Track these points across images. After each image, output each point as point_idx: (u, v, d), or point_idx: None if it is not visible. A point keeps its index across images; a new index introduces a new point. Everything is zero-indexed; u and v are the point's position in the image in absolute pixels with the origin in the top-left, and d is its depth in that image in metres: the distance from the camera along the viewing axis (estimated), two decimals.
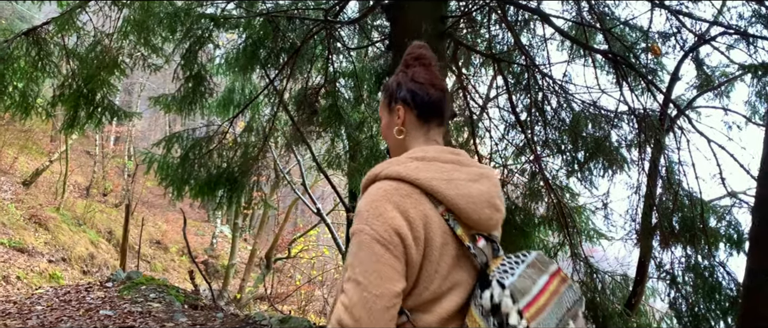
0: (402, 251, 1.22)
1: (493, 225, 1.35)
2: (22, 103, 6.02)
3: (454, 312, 1.27)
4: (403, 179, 1.28)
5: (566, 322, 1.26)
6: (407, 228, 1.22)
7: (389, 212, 1.23)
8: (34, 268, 11.74)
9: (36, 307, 4.94)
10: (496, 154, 6.93)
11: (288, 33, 6.73)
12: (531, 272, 1.29)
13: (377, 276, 1.19)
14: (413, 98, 1.43)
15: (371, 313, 1.17)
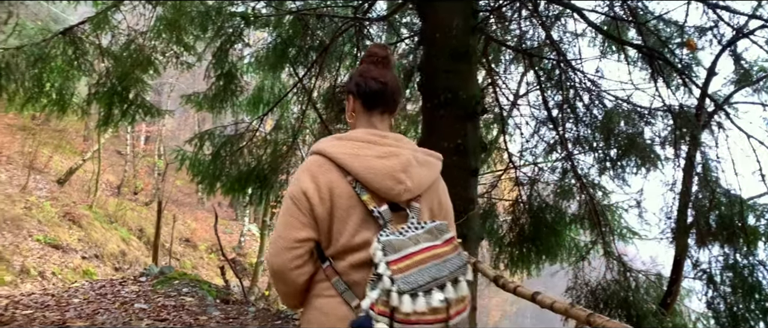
0: (306, 206, 1.56)
1: (395, 195, 1.57)
2: (59, 101, 6.14)
3: (363, 263, 1.53)
4: (320, 153, 1.60)
5: (444, 283, 1.46)
6: (313, 190, 1.55)
7: (303, 178, 1.58)
8: (69, 264, 12.00)
9: (73, 300, 5.05)
10: (526, 152, 6.86)
11: (317, 31, 6.76)
12: (422, 235, 1.52)
13: (284, 224, 1.58)
14: (358, 89, 1.69)
15: (277, 248, 1.57)
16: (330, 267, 1.58)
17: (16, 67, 5.85)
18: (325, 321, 1.57)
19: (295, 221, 1.56)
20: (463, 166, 4.40)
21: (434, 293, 1.43)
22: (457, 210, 4.32)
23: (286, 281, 1.60)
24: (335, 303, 1.57)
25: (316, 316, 1.60)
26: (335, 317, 1.55)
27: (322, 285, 1.60)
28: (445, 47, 4.42)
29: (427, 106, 4.52)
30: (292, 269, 1.57)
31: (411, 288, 1.40)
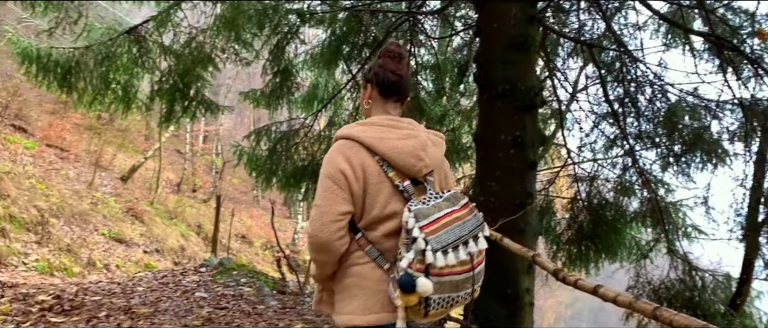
0: (344, 184, 1.77)
1: (416, 171, 1.83)
2: (124, 98, 6.39)
3: (393, 232, 1.80)
4: (349, 138, 1.82)
5: (467, 240, 1.77)
6: (349, 169, 1.77)
7: (338, 159, 1.78)
8: (131, 257, 12.47)
9: (137, 288, 5.24)
10: (585, 148, 6.68)
11: (371, 27, 6.78)
12: (443, 203, 1.79)
13: (326, 199, 1.77)
14: (377, 79, 1.93)
15: (322, 223, 1.76)
16: (362, 238, 1.83)
17: (85, 66, 6.12)
18: (364, 284, 1.81)
19: (336, 197, 1.77)
20: (521, 159, 4.32)
21: (460, 248, 1.74)
22: (515, 204, 4.27)
23: (331, 251, 1.80)
24: (370, 268, 1.82)
25: (355, 281, 1.83)
26: (372, 280, 1.81)
27: (356, 254, 1.84)
28: (503, 37, 4.35)
29: (484, 97, 4.46)
30: (336, 239, 1.78)
31: (442, 246, 1.68)
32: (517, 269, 4.34)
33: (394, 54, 1.98)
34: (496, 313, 4.30)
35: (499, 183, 4.34)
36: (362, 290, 1.81)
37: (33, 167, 13.35)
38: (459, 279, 1.77)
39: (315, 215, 1.79)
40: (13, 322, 3.94)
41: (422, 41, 6.82)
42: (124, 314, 4.25)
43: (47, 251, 10.69)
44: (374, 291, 1.80)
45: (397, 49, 2.01)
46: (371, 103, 1.95)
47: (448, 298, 1.78)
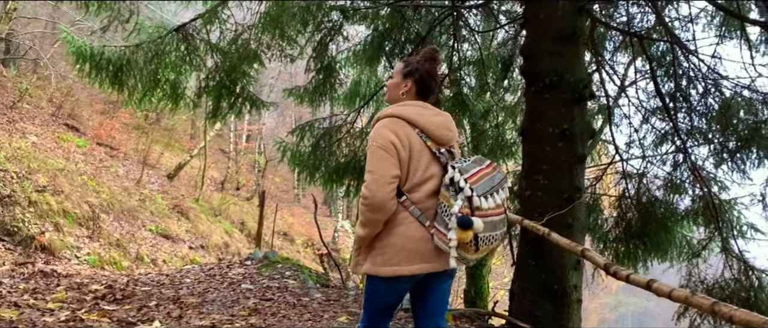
0: (394, 152, 2.12)
1: (448, 141, 2.25)
2: (172, 95, 6.53)
3: (433, 192, 2.17)
4: (394, 115, 2.21)
5: (496, 190, 2.16)
6: (397, 140, 2.13)
7: (386, 132, 2.15)
8: (177, 253, 12.78)
9: (185, 280, 5.36)
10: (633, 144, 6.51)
11: (413, 23, 6.75)
12: (472, 163, 2.18)
13: (380, 165, 2.11)
14: (418, 79, 2.32)
15: (378, 185, 2.09)
16: (406, 200, 2.16)
17: (135, 64, 6.28)
18: (408, 240, 2.15)
19: (388, 163, 2.11)
20: (570, 152, 4.24)
21: (495, 195, 2.15)
22: (563, 198, 4.18)
23: (384, 209, 2.11)
24: (415, 227, 2.16)
25: (401, 240, 2.15)
26: (415, 238, 2.15)
27: (401, 215, 2.16)
28: (551, 29, 4.27)
29: (531, 90, 4.39)
30: (390, 199, 2.11)
31: (483, 192, 2.10)
32: (565, 265, 4.25)
33: (435, 59, 2.38)
34: (543, 309, 4.22)
35: (547, 177, 4.26)
36: (406, 246, 2.15)
37: (85, 164, 13.82)
38: (497, 220, 2.16)
39: (370, 179, 2.10)
40: (69, 309, 4.08)
41: (465, 36, 6.76)
42: (173, 304, 4.35)
43: (98, 245, 11.05)
44: (417, 246, 2.15)
45: (437, 55, 2.41)
46: (405, 96, 2.33)
47: (490, 236, 2.14)
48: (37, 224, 10.28)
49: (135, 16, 6.07)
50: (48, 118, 15.90)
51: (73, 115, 17.27)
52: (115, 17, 5.88)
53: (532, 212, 4.20)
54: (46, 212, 10.65)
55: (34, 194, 10.66)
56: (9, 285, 4.59)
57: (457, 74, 6.84)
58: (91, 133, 16.41)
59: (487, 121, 7.01)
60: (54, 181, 11.29)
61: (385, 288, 2.23)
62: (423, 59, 2.36)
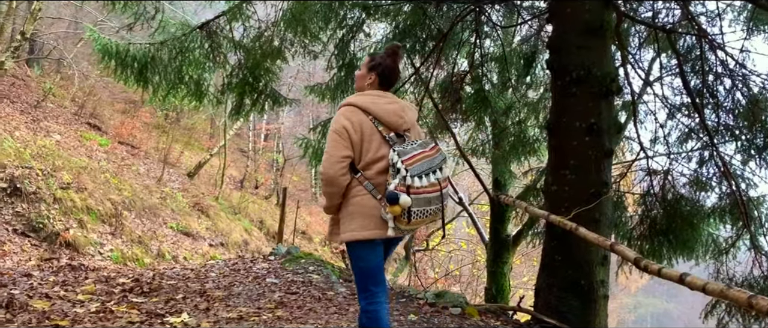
0: (346, 136, 2.52)
1: (398, 126, 2.59)
2: (197, 91, 6.59)
3: (383, 170, 2.52)
4: (351, 104, 2.60)
5: (433, 170, 2.51)
6: (350, 126, 2.53)
7: (342, 119, 2.55)
8: (198, 250, 12.88)
9: (210, 274, 5.40)
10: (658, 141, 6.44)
11: (435, 19, 6.74)
12: (417, 147, 2.52)
13: (333, 147, 2.53)
14: (381, 72, 2.71)
15: (330, 163, 2.51)
16: (361, 176, 2.54)
17: (160, 61, 6.34)
18: (363, 210, 2.53)
19: (340, 146, 2.52)
20: (597, 147, 4.20)
21: (431, 175, 2.49)
22: (590, 193, 4.14)
23: (335, 183, 2.52)
24: (368, 198, 2.53)
25: (356, 208, 2.54)
26: (368, 207, 2.52)
27: (356, 189, 2.55)
28: (577, 22, 4.24)
29: (558, 84, 4.36)
30: (340, 175, 2.52)
31: (417, 173, 2.44)
32: (591, 260, 4.22)
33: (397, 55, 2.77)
34: (569, 305, 4.19)
35: (574, 172, 4.23)
36: (361, 215, 2.53)
37: (107, 162, 14.00)
38: (431, 196, 2.50)
39: (325, 158, 2.54)
40: (99, 300, 4.14)
41: (487, 32, 6.73)
42: (200, 297, 4.39)
43: (120, 241, 11.18)
44: (370, 215, 2.52)
45: (399, 50, 2.80)
46: (369, 86, 2.70)
47: (424, 210, 2.48)
48: (61, 220, 10.43)
49: (160, 13, 6.13)
50: (71, 117, 16.13)
51: (95, 114, 17.50)
52: (140, 15, 5.94)
53: (558, 207, 4.18)
54: (70, 209, 10.80)
55: (59, 191, 10.82)
56: (39, 278, 4.67)
57: (479, 71, 6.81)
58: (112, 132, 16.63)
59: (509, 117, 6.98)
60: (78, 178, 11.45)
61: (365, 252, 2.58)
62: (386, 55, 2.75)
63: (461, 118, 7.42)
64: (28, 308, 3.70)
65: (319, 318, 3.87)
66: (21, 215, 10.16)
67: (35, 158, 11.15)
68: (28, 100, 15.24)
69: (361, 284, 2.62)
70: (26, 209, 10.30)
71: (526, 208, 4.82)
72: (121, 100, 19.87)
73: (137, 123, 17.58)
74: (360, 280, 2.63)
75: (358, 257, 2.60)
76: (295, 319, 3.77)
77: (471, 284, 13.51)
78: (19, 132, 12.37)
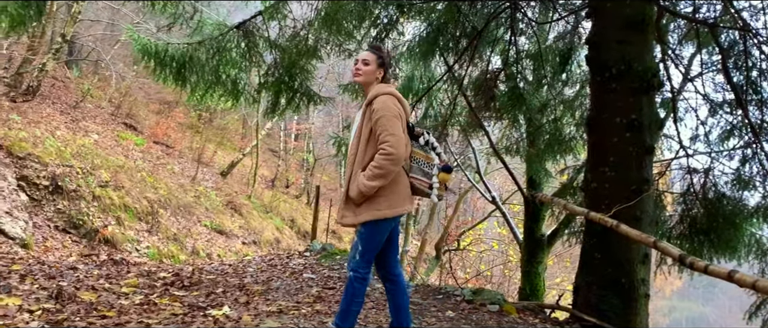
0: (400, 121, 2.83)
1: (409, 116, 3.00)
2: (234, 90, 6.68)
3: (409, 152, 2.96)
4: (393, 95, 2.91)
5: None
6: (399, 112, 2.86)
7: (393, 106, 2.84)
8: (231, 248, 13.07)
9: (248, 269, 5.48)
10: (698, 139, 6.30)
11: (469, 17, 6.71)
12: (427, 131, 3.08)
13: (398, 129, 2.79)
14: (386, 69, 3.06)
15: (400, 144, 2.76)
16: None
17: (197, 60, 6.45)
18: (404, 187, 2.91)
19: (401, 128, 2.83)
20: (638, 143, 4.14)
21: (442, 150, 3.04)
22: (631, 190, 4.07)
23: (400, 163, 2.81)
24: (405, 177, 2.93)
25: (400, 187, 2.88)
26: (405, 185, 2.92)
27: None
28: (618, 16, 4.18)
29: (597, 79, 4.30)
30: (405, 156, 2.86)
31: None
32: (632, 259, 4.15)
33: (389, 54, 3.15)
34: (609, 303, 4.13)
35: (614, 168, 4.17)
36: (403, 191, 2.89)
37: (143, 161, 14.29)
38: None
39: (394, 141, 2.75)
40: (142, 293, 4.24)
41: (523, 29, 6.67)
42: (239, 291, 4.46)
43: (157, 239, 11.41)
44: (406, 191, 2.93)
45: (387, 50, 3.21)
46: (376, 80, 2.98)
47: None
48: (100, 217, 10.69)
49: (198, 13, 6.24)
50: (108, 118, 16.51)
51: (130, 114, 17.88)
52: (179, 15, 6.05)
53: (598, 205, 4.12)
54: (108, 207, 11.06)
55: (98, 189, 11.09)
56: (84, 271, 4.80)
57: (514, 68, 6.76)
58: (148, 132, 16.97)
59: (544, 115, 6.91)
60: (115, 177, 11.72)
61: (385, 228, 2.86)
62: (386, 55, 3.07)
63: (495, 116, 7.38)
64: (76, 299, 3.81)
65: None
66: (62, 212, 10.44)
67: (75, 157, 11.45)
68: (68, 101, 15.66)
69: (368, 257, 2.88)
70: (67, 206, 10.57)
71: (565, 205, 4.77)
72: (156, 101, 20.28)
73: (172, 123, 17.91)
74: (371, 253, 2.88)
75: (380, 232, 2.86)
76: (333, 313, 3.79)
77: (503, 284, 13.41)
78: (60, 132, 12.72)
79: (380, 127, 2.77)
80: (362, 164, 2.85)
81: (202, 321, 3.55)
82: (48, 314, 3.41)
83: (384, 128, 2.75)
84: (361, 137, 2.89)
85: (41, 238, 9.67)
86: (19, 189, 9.86)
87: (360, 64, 3.00)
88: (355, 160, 2.89)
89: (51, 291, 3.89)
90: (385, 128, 2.75)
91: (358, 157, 2.87)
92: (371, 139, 2.85)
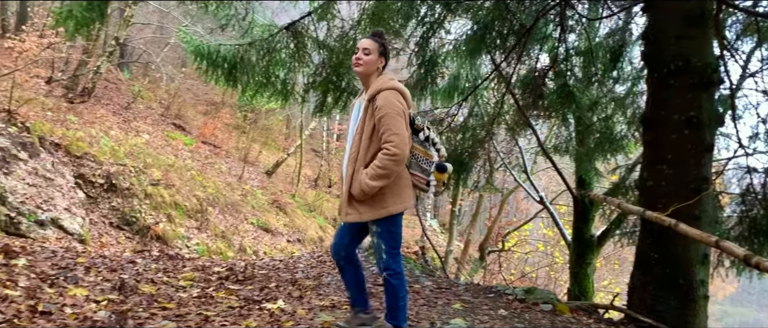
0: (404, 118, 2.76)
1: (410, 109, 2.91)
2: (283, 90, 6.80)
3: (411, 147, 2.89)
4: (398, 89, 2.82)
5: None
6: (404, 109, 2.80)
7: (398, 103, 2.76)
8: (277, 245, 13.28)
9: (298, 265, 5.57)
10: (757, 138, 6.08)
11: (517, 14, 6.64)
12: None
13: (402, 128, 2.72)
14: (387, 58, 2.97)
15: (404, 143, 2.71)
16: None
17: (248, 61, 6.58)
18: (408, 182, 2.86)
19: (404, 126, 2.75)
20: (696, 140, 4.03)
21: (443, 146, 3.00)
22: (689, 189, 3.97)
23: (404, 161, 2.75)
24: (407, 172, 2.88)
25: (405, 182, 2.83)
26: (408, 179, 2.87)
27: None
28: (676, 11, 4.08)
29: (654, 76, 4.21)
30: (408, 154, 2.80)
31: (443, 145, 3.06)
32: (690, 258, 4.05)
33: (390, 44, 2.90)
34: (666, 304, 4.04)
35: (671, 166, 4.07)
36: (408, 187, 2.86)
37: (191, 160, 14.66)
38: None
39: (399, 140, 2.68)
40: (198, 287, 4.36)
41: (572, 26, 6.57)
42: (292, 286, 4.53)
43: (206, 236, 11.68)
44: (411, 187, 2.89)
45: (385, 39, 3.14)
46: (378, 71, 2.89)
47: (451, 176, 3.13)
48: (152, 214, 11.02)
49: (250, 15, 6.37)
50: (158, 118, 17.00)
51: (179, 115, 18.37)
52: (232, 16, 6.19)
53: (654, 204, 4.04)
54: (159, 204, 11.39)
55: (149, 187, 11.43)
56: (142, 265, 4.96)
57: (563, 66, 6.66)
58: (196, 132, 17.40)
59: (595, 113, 6.78)
60: (166, 176, 12.06)
61: (399, 219, 2.87)
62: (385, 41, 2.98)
63: (543, 114, 7.28)
64: (138, 291, 3.95)
65: (408, 309, 3.90)
66: (116, 209, 10.81)
67: (128, 156, 11.83)
68: (120, 102, 16.20)
69: (395, 251, 2.88)
70: (121, 203, 10.94)
71: (619, 204, 4.68)
72: (204, 102, 20.76)
73: (218, 124, 18.32)
74: (396, 246, 2.89)
75: (396, 224, 2.87)
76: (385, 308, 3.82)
77: (548, 286, 13.22)
78: (113, 132, 13.16)
79: (384, 126, 2.69)
80: (365, 161, 2.78)
81: (258, 314, 3.63)
82: (113, 305, 3.55)
83: (388, 127, 2.68)
84: (362, 133, 2.80)
85: (97, 234, 10.03)
86: (76, 187, 10.27)
87: (360, 53, 2.90)
88: (356, 157, 2.81)
89: (114, 283, 4.04)
90: (389, 127, 2.68)
91: (360, 154, 2.80)
92: (374, 136, 2.77)
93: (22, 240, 6.99)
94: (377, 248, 2.89)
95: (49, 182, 9.35)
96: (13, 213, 8.32)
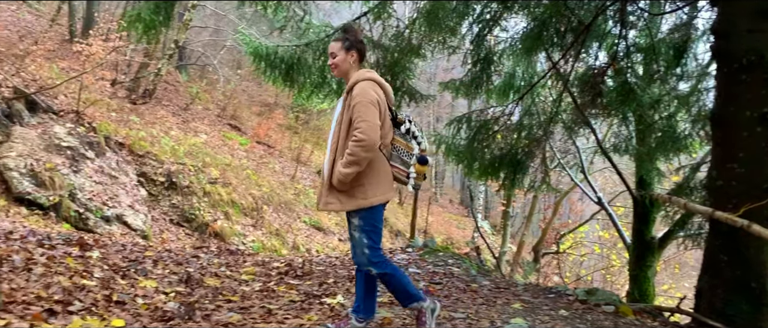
0: (377, 107, 2.78)
1: (392, 102, 3.00)
2: (338, 91, 6.88)
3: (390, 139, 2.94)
4: (373, 80, 2.88)
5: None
6: (378, 98, 2.80)
7: (372, 92, 2.79)
8: (329, 244, 13.44)
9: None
10: None
11: (576, 11, 6.51)
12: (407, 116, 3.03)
13: (372, 116, 2.74)
14: (360, 50, 2.99)
15: (373, 130, 2.71)
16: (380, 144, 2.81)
17: (304, 62, 6.69)
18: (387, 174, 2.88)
19: (376, 115, 2.76)
20: None
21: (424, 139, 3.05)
22: (762, 188, 3.80)
23: (374, 150, 2.74)
24: (386, 164, 2.90)
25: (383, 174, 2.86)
26: (387, 172, 2.90)
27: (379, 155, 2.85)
28: (748, 4, 3.92)
29: (724, 71, 4.05)
30: (378, 142, 2.76)
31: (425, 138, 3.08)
32: (764, 261, 3.88)
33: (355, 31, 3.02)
34: (737, 308, 3.88)
35: (743, 165, 3.91)
36: (386, 178, 2.88)
37: (247, 160, 15.01)
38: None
39: (366, 126, 2.70)
40: (260, 281, 4.47)
41: (633, 22, 6.39)
42: (349, 282, 4.59)
43: (261, 233, 11.94)
44: (389, 179, 2.91)
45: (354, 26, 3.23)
46: (354, 65, 2.94)
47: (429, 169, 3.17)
48: (210, 212, 11.34)
49: (307, 16, 6.48)
50: (214, 119, 17.48)
51: (234, 116, 18.83)
52: (290, 18, 6.31)
53: (724, 204, 3.88)
54: (217, 202, 11.71)
55: (208, 186, 11.76)
56: (205, 259, 5.12)
57: (623, 63, 6.49)
58: (250, 133, 17.79)
59: (657, 111, 6.58)
60: (223, 174, 12.38)
61: (379, 212, 2.86)
62: (351, 34, 2.97)
63: (602, 113, 7.12)
64: (203, 284, 4.08)
65: (467, 308, 3.89)
66: (176, 207, 11.17)
67: (187, 156, 12.20)
68: (179, 104, 16.72)
69: (377, 244, 2.86)
70: (180, 201, 11.30)
71: (685, 205, 4.53)
72: (258, 103, 21.21)
73: (272, 124, 18.68)
74: (376, 240, 2.86)
75: (378, 219, 2.87)
76: (444, 308, 3.82)
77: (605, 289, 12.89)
78: (173, 132, 13.60)
79: (355, 114, 2.74)
80: (343, 151, 2.80)
81: (318, 308, 3.69)
82: (181, 296, 3.68)
83: (358, 115, 2.72)
84: (341, 124, 2.86)
85: (158, 230, 10.40)
86: (139, 185, 10.67)
87: (330, 59, 2.98)
88: (336, 148, 2.85)
89: (181, 276, 4.19)
90: (359, 115, 2.72)
91: (340, 144, 2.84)
92: (351, 126, 2.80)
93: (91, 235, 7.32)
94: (359, 243, 2.86)
95: (114, 179, 9.76)
96: (81, 209, 8.73)
